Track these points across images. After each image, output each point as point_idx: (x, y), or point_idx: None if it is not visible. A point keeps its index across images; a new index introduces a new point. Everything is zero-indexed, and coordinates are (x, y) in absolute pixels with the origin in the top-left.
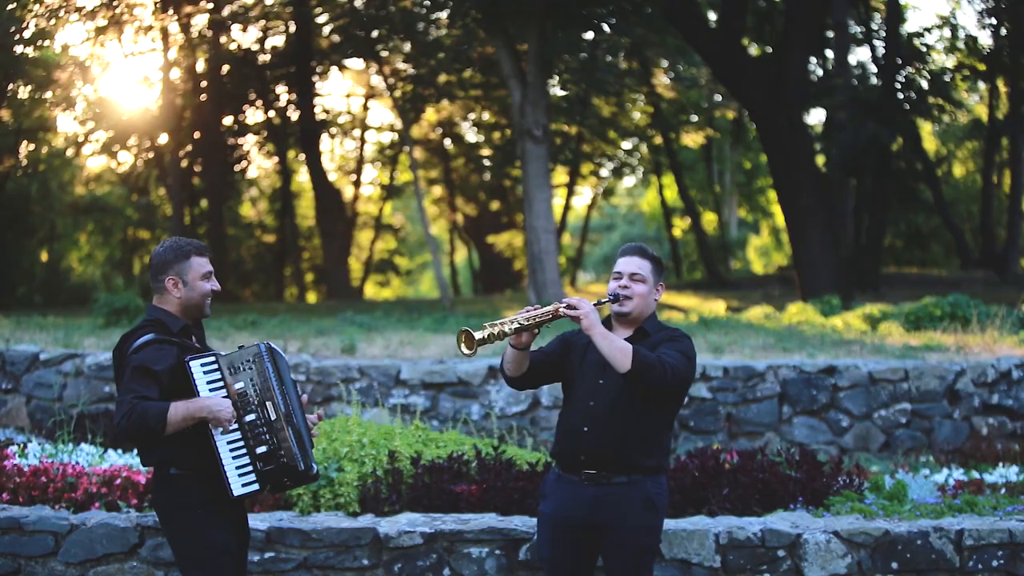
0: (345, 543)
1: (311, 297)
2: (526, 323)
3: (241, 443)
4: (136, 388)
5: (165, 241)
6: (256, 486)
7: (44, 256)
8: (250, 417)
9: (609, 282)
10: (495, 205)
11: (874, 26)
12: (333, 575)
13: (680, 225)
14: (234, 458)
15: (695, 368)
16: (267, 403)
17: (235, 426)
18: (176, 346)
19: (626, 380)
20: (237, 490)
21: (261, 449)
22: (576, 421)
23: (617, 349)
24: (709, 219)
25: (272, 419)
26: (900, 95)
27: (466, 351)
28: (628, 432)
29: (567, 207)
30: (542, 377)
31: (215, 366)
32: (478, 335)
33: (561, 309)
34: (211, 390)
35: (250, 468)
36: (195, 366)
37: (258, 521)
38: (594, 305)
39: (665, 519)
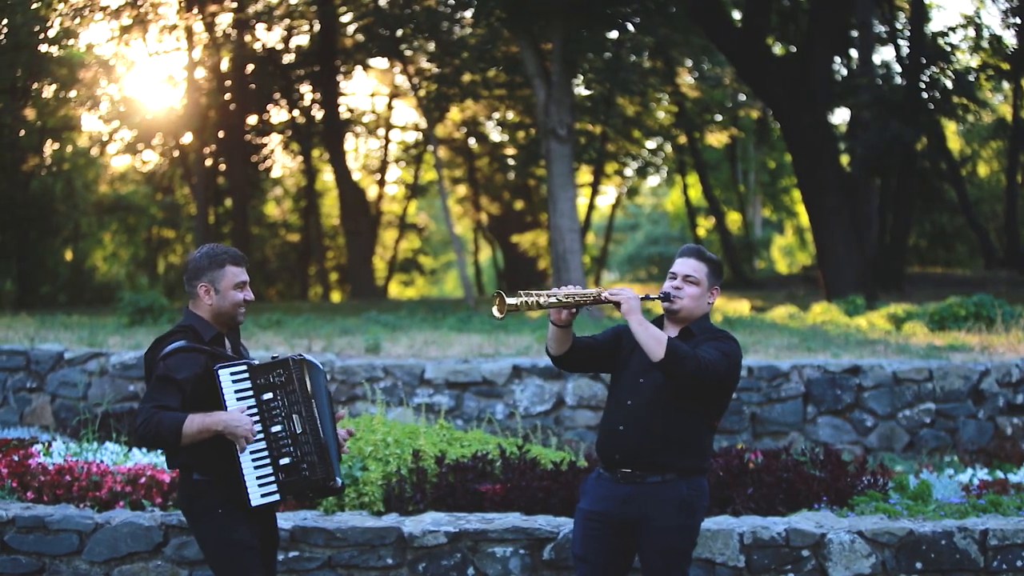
0: (369, 542)
1: (335, 296)
2: (564, 300)
3: (266, 453)
4: (157, 397)
5: (203, 247)
6: (277, 496)
7: (68, 255)
8: (276, 428)
9: (665, 281)
10: (519, 204)
11: (898, 25)
12: (357, 574)
13: (704, 225)
14: (256, 468)
15: (738, 370)
16: (293, 415)
17: (261, 436)
18: (206, 354)
19: (658, 369)
20: (256, 500)
21: (284, 461)
22: (614, 419)
23: (652, 337)
24: (733, 219)
25: (298, 432)
26: (924, 95)
27: (497, 314)
28: (664, 432)
29: (591, 206)
30: (586, 362)
31: (245, 375)
32: (511, 300)
33: (604, 294)
34: (239, 399)
35: (272, 479)
36: (224, 375)
37: (282, 520)
38: (641, 299)
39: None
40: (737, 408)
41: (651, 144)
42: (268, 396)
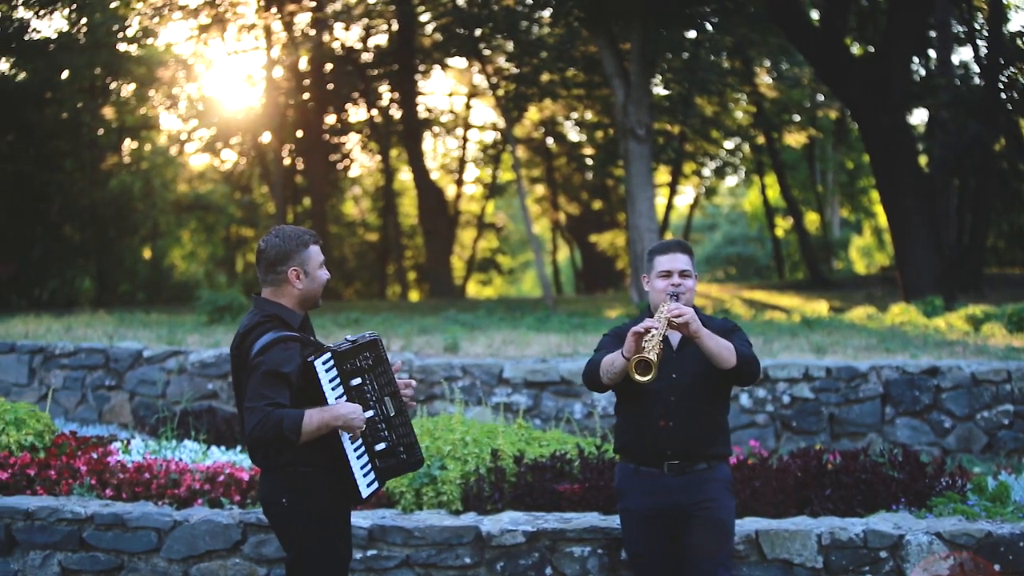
0: (447, 541)
1: (413, 295)
2: (663, 333)
3: (361, 442)
4: (268, 395)
5: (274, 230)
6: (377, 484)
7: (147, 254)
8: (369, 413)
9: (652, 280)
10: (597, 204)
11: (976, 25)
12: (435, 573)
13: (782, 225)
14: (358, 458)
15: None
16: (385, 398)
17: None
18: (299, 342)
19: (726, 375)
20: (365, 491)
21: (380, 446)
22: (656, 416)
23: (723, 347)
24: (811, 219)
25: (392, 415)
26: (1003, 95)
27: (641, 379)
28: (706, 422)
29: (669, 206)
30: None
31: (332, 363)
32: (652, 357)
33: (671, 319)
34: (332, 388)
35: (371, 467)
36: (318, 365)
37: (361, 519)
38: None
39: (767, 519)
40: (815, 409)
41: (729, 144)
42: (357, 381)
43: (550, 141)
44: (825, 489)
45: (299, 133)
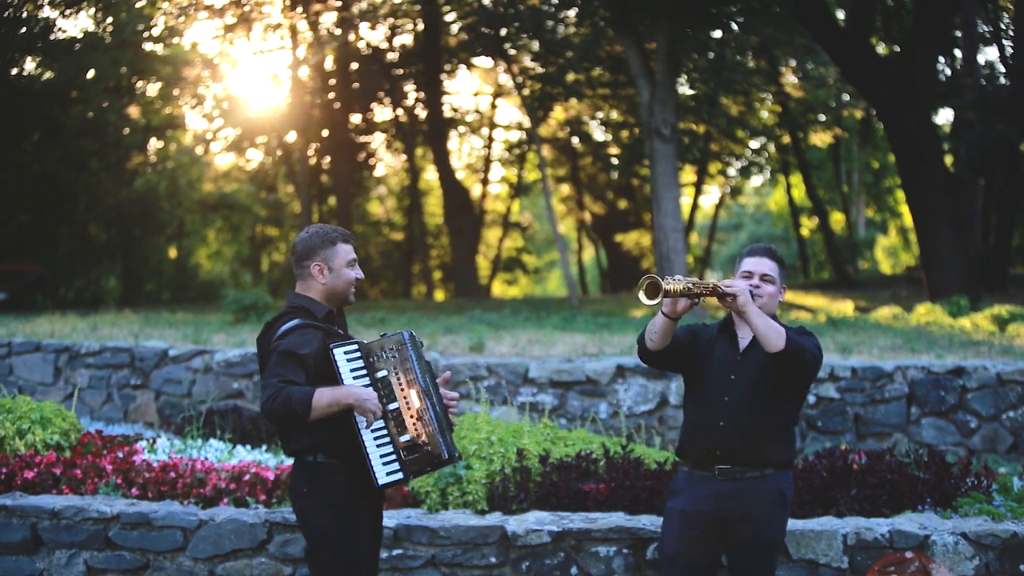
0: (473, 541)
1: (439, 295)
2: (692, 288)
3: (385, 432)
4: (282, 372)
5: (310, 227)
6: (400, 475)
7: (173, 253)
8: (393, 405)
9: (735, 279)
10: (623, 204)
11: (1002, 25)
12: (461, 573)
13: (808, 225)
14: (378, 447)
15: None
16: (411, 391)
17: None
18: (322, 331)
19: (775, 361)
20: (382, 479)
21: (405, 438)
22: (711, 417)
23: (772, 328)
24: (837, 219)
25: (416, 407)
26: None
27: (647, 300)
28: (762, 427)
29: (695, 206)
30: (673, 360)
31: (358, 354)
32: (668, 286)
33: (721, 286)
34: (354, 378)
35: (394, 457)
36: (339, 353)
37: (386, 519)
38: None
39: (792, 519)
40: (841, 409)
41: (755, 144)
42: (383, 374)
43: (575, 141)
44: (851, 489)
45: (325, 132)
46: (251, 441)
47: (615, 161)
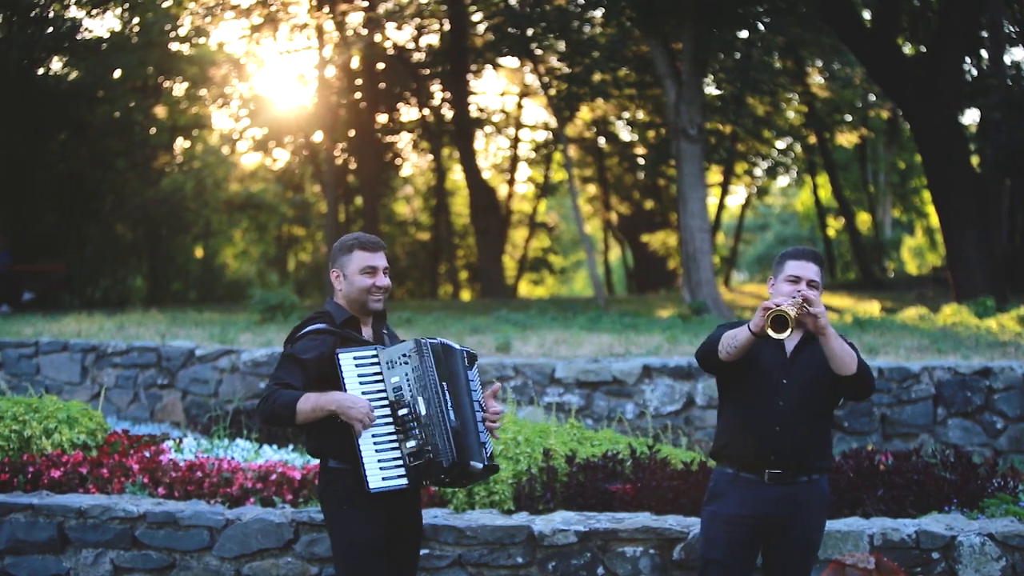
0: (499, 540)
1: (465, 295)
2: (799, 311)
3: (393, 437)
4: (280, 375)
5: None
6: (404, 481)
7: (199, 252)
8: (403, 411)
9: (778, 284)
10: (649, 204)
11: None
12: (487, 572)
13: (834, 225)
14: (377, 451)
15: None
16: (419, 398)
17: (389, 419)
18: (336, 336)
19: (839, 381)
20: (375, 484)
21: (410, 444)
22: (765, 421)
23: (847, 352)
24: (863, 219)
25: (422, 414)
26: None
27: (775, 335)
28: (813, 432)
29: (721, 206)
30: (730, 365)
31: (373, 359)
32: (791, 312)
33: (805, 306)
34: (361, 383)
35: (400, 463)
36: (345, 359)
37: None
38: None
39: None
40: (867, 409)
41: (781, 144)
42: (395, 380)
43: (602, 141)
44: (877, 490)
45: (351, 132)
46: (278, 441)
47: (641, 161)
